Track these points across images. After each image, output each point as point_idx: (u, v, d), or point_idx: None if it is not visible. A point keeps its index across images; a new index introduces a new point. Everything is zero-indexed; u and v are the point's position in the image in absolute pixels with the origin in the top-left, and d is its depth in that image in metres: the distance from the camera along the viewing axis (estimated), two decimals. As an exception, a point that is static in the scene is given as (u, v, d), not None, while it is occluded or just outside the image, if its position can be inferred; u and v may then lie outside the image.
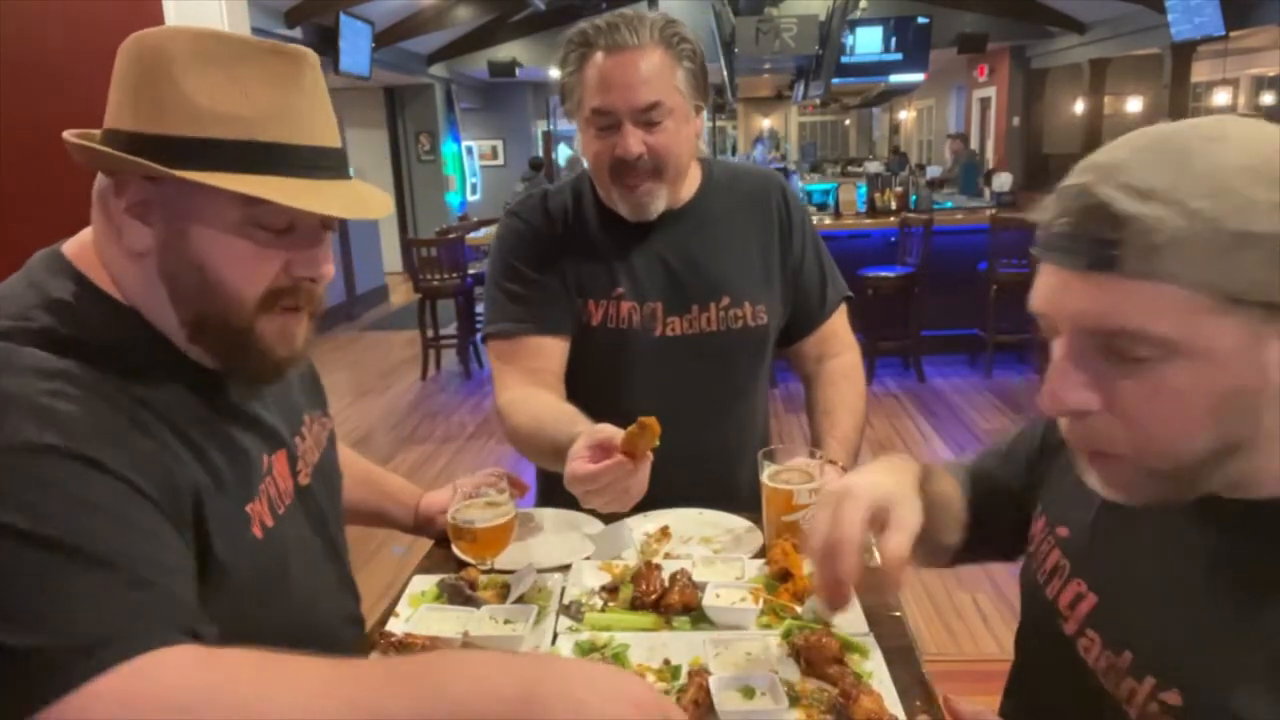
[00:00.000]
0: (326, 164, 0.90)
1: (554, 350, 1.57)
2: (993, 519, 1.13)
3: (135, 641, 0.70)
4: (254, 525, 0.96)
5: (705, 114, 1.57)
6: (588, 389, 1.55)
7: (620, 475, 1.21)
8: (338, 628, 1.16)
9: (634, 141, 1.44)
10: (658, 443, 1.20)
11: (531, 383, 1.55)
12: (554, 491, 1.50)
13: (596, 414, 1.37)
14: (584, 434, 1.28)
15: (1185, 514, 0.77)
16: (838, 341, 1.74)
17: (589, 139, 1.50)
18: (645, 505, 1.45)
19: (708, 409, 1.59)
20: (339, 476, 1.20)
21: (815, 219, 6.87)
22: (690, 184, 1.61)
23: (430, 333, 6.90)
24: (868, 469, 1.00)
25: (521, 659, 0.83)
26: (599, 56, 1.44)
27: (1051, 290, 0.74)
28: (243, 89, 0.85)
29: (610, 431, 1.25)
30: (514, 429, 1.52)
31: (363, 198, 0.94)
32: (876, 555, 0.94)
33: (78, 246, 0.93)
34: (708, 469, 1.56)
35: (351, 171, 0.97)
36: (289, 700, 0.69)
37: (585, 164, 1.58)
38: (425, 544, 1.49)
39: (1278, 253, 0.65)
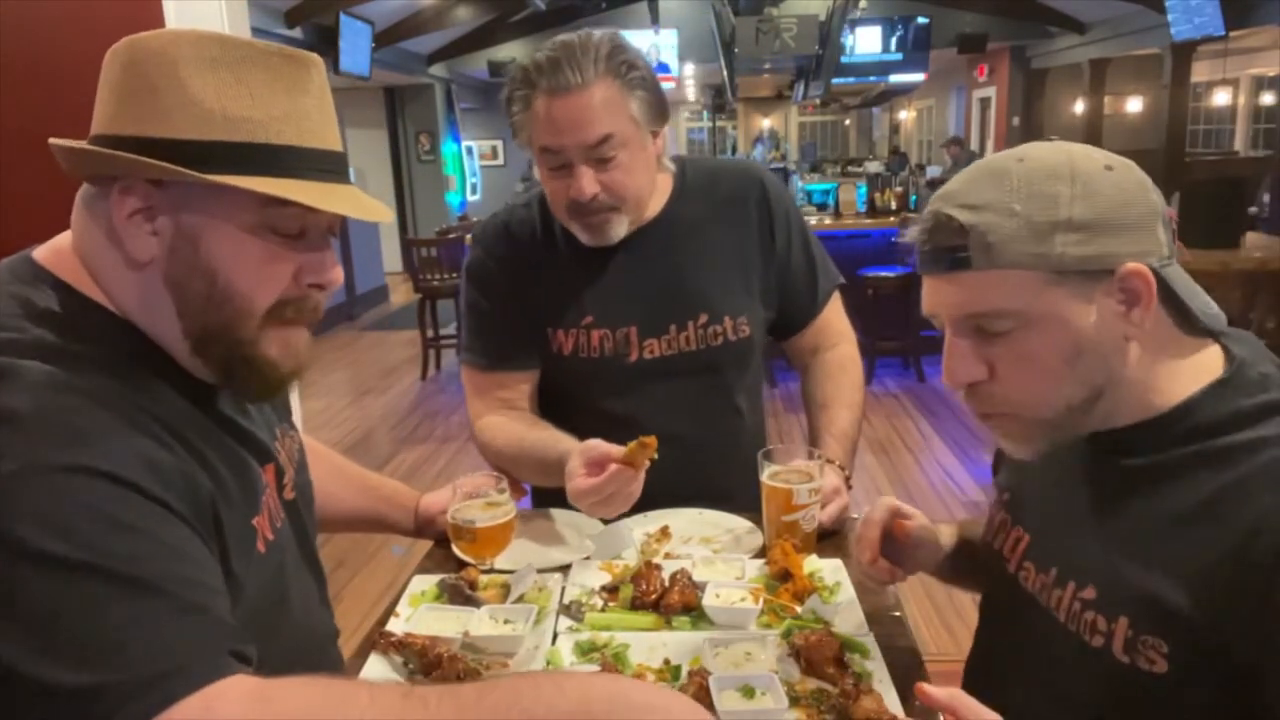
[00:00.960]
0: (333, 168, 0.89)
1: (520, 383, 1.60)
2: None
3: (194, 674, 0.68)
4: (259, 540, 0.94)
5: (667, 129, 1.51)
6: (567, 413, 1.55)
7: (622, 484, 1.28)
8: (325, 645, 1.15)
9: (587, 183, 1.40)
10: (655, 455, 1.27)
11: (502, 409, 1.58)
12: (551, 494, 1.50)
13: (578, 427, 1.42)
14: (577, 452, 1.34)
15: (1077, 452, 0.96)
16: (833, 332, 1.71)
17: (543, 176, 1.47)
18: (644, 506, 1.45)
19: (693, 425, 1.55)
20: (312, 491, 1.18)
21: (815, 219, 6.87)
22: (659, 196, 1.56)
23: (430, 333, 6.90)
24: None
25: (577, 678, 0.82)
26: (543, 97, 1.38)
27: (929, 294, 0.94)
28: (250, 91, 0.84)
29: (604, 448, 1.32)
30: (496, 452, 1.55)
31: (364, 202, 0.93)
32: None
33: (53, 253, 0.89)
34: (698, 482, 1.54)
35: (353, 175, 0.96)
36: None
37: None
38: (425, 544, 1.49)
39: (1082, 230, 0.85)
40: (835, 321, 1.72)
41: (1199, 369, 0.90)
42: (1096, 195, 0.85)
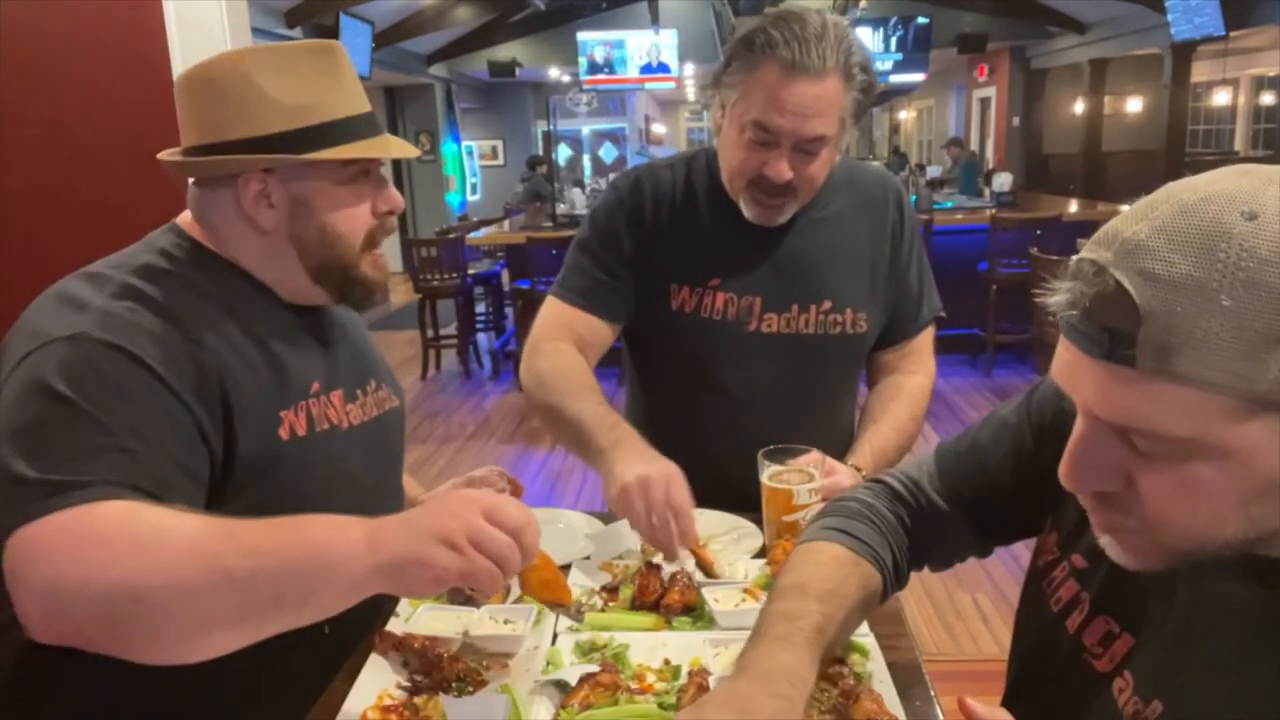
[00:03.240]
0: (373, 124, 1.16)
1: (604, 331, 1.60)
2: (952, 534, 1.10)
3: (98, 490, 0.89)
4: (283, 428, 1.11)
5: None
6: (674, 369, 1.57)
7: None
8: None
9: (786, 167, 1.43)
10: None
11: (574, 344, 1.57)
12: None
13: (679, 394, 1.47)
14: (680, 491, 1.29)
15: (1222, 563, 0.71)
16: (916, 360, 1.69)
17: (735, 145, 1.46)
18: (709, 495, 1.39)
19: (792, 408, 1.57)
20: (400, 440, 1.37)
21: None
22: None
23: (430, 333, 6.90)
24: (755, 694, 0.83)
25: (385, 520, 0.93)
26: (777, 69, 1.37)
27: (1068, 368, 0.69)
28: (308, 83, 1.09)
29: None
30: (540, 375, 1.52)
31: (397, 144, 1.19)
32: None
33: (186, 219, 1.17)
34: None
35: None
36: (176, 541, 0.87)
37: (714, 144, 1.57)
38: (425, 544, 1.49)
39: None
40: (923, 350, 1.71)
41: None
42: None
